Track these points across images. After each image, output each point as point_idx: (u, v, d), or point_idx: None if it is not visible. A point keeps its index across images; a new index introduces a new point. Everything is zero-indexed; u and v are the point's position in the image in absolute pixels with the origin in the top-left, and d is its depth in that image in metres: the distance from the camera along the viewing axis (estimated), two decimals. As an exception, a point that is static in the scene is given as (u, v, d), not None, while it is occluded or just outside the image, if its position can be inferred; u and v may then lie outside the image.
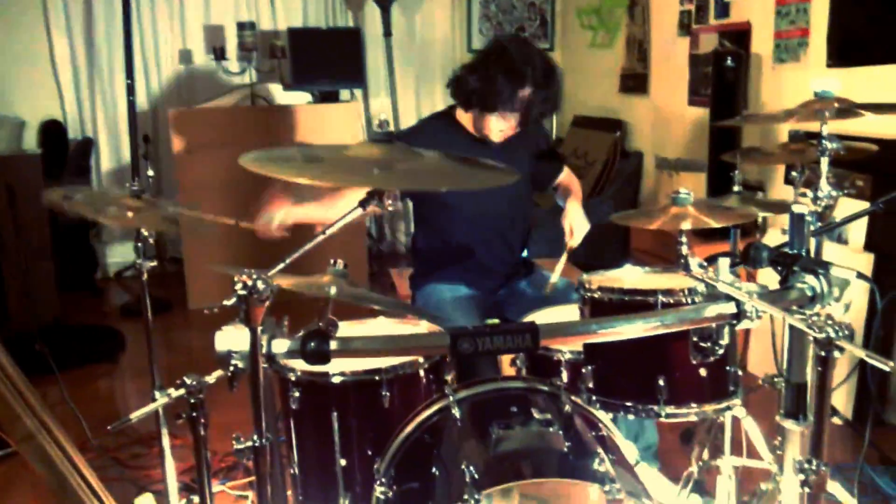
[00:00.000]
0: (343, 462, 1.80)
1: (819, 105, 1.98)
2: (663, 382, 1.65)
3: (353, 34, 5.59)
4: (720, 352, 1.62)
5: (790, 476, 1.49)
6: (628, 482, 1.43)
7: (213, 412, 1.42)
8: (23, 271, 4.14)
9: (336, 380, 1.80)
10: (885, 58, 3.09)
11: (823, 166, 1.98)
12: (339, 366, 1.78)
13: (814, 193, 1.97)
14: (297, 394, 1.84)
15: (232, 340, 1.23)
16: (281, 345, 1.24)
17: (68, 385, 3.22)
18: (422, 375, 1.86)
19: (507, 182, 1.43)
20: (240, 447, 1.27)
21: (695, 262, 1.53)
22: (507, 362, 2.36)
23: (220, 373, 1.43)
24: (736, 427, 2.19)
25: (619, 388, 1.72)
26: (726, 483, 2.17)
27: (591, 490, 1.34)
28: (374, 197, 1.46)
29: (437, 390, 1.84)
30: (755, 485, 1.86)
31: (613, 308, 1.70)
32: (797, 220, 1.46)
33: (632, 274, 1.89)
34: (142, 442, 3.00)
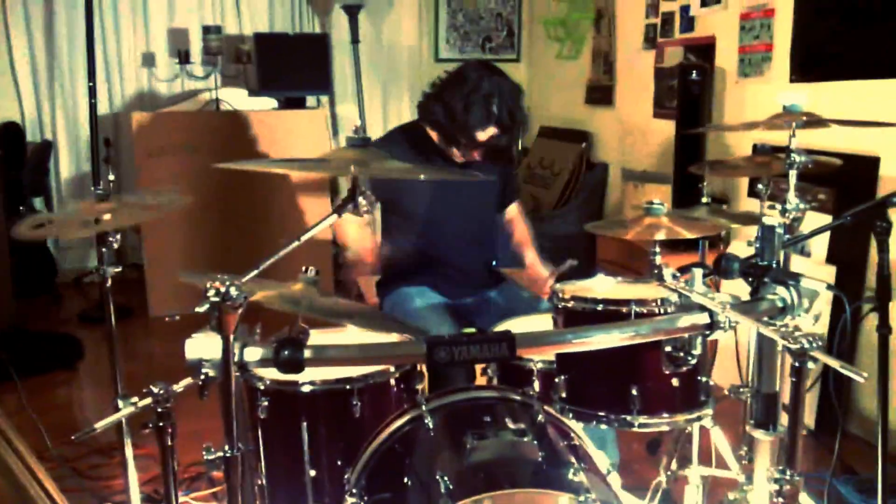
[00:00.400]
0: (312, 473, 1.78)
1: (788, 117, 2.01)
2: (636, 392, 1.65)
3: (321, 40, 5.55)
4: (693, 362, 1.62)
5: (761, 485, 1.50)
6: (602, 492, 1.43)
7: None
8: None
9: (305, 389, 1.77)
10: (846, 73, 3.15)
11: (792, 179, 2.01)
12: (308, 375, 1.75)
13: (782, 206, 1.99)
14: (265, 403, 1.80)
15: (202, 348, 1.19)
16: (254, 353, 1.21)
17: (25, 393, 3.13)
18: (393, 384, 1.85)
19: (476, 178, 1.44)
20: (210, 457, 1.23)
21: (668, 273, 1.54)
22: (478, 371, 2.35)
23: (188, 381, 1.40)
24: (703, 437, 2.21)
25: (592, 397, 1.71)
26: (694, 493, 2.19)
27: (565, 500, 1.33)
28: (349, 202, 1.46)
29: (409, 399, 1.82)
30: (723, 494, 1.88)
31: (587, 318, 1.69)
32: (767, 232, 1.47)
33: (604, 284, 1.89)
34: (101, 452, 2.91)
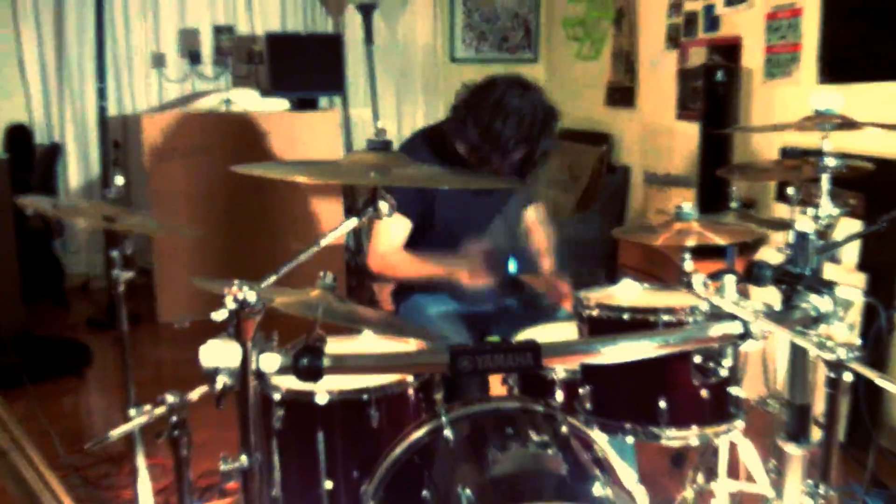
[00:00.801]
0: (328, 484, 1.73)
1: (820, 120, 1.95)
2: (664, 403, 1.60)
3: (334, 40, 5.51)
4: (723, 374, 1.56)
5: (791, 500, 1.44)
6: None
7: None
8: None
9: (322, 399, 1.72)
10: (877, 75, 3.07)
11: (824, 184, 1.94)
12: (325, 385, 1.70)
13: (815, 211, 1.92)
14: (280, 413, 1.75)
15: (218, 356, 1.14)
16: (272, 361, 1.16)
17: (35, 399, 3.09)
18: (411, 395, 1.79)
19: (501, 186, 1.38)
20: (227, 468, 1.18)
21: (699, 280, 1.48)
22: (495, 381, 2.29)
23: (202, 390, 1.35)
24: (730, 450, 2.14)
25: (619, 409, 1.66)
26: (721, 507, 2.12)
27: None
28: (369, 206, 1.41)
29: (427, 410, 1.77)
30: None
31: (613, 326, 1.64)
32: (801, 239, 1.42)
33: (629, 290, 1.83)
34: (111, 460, 2.86)
